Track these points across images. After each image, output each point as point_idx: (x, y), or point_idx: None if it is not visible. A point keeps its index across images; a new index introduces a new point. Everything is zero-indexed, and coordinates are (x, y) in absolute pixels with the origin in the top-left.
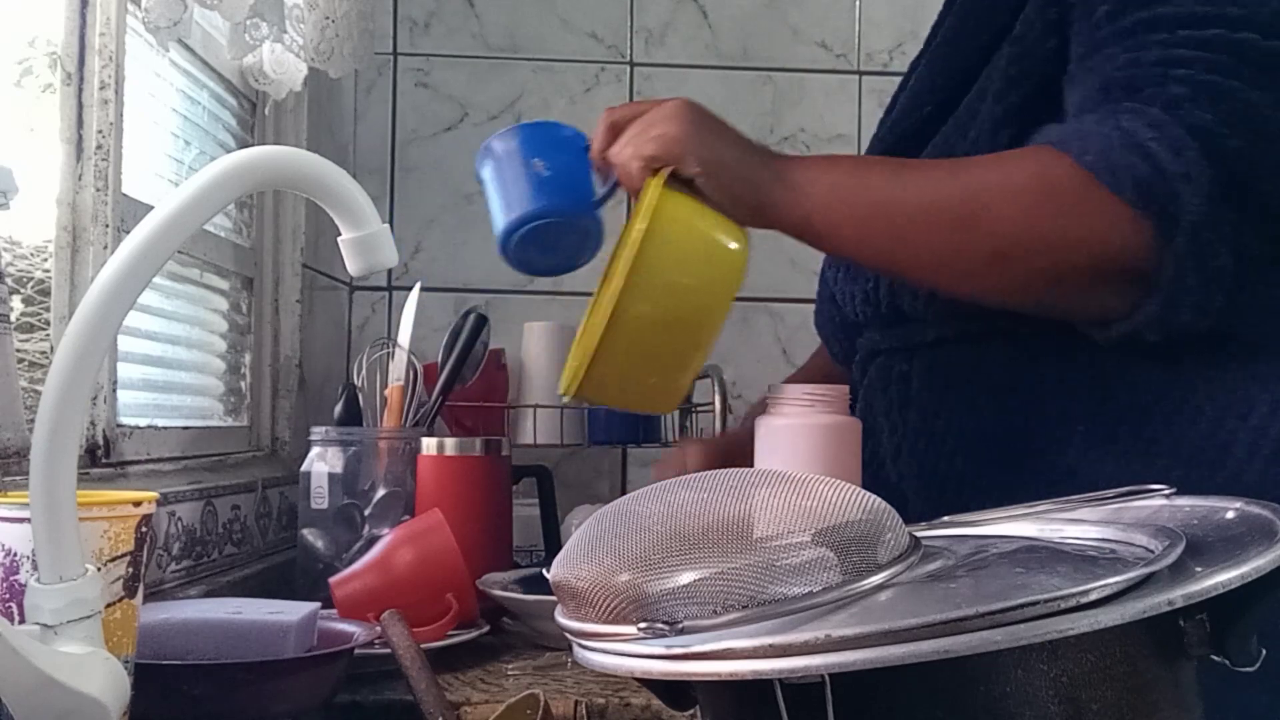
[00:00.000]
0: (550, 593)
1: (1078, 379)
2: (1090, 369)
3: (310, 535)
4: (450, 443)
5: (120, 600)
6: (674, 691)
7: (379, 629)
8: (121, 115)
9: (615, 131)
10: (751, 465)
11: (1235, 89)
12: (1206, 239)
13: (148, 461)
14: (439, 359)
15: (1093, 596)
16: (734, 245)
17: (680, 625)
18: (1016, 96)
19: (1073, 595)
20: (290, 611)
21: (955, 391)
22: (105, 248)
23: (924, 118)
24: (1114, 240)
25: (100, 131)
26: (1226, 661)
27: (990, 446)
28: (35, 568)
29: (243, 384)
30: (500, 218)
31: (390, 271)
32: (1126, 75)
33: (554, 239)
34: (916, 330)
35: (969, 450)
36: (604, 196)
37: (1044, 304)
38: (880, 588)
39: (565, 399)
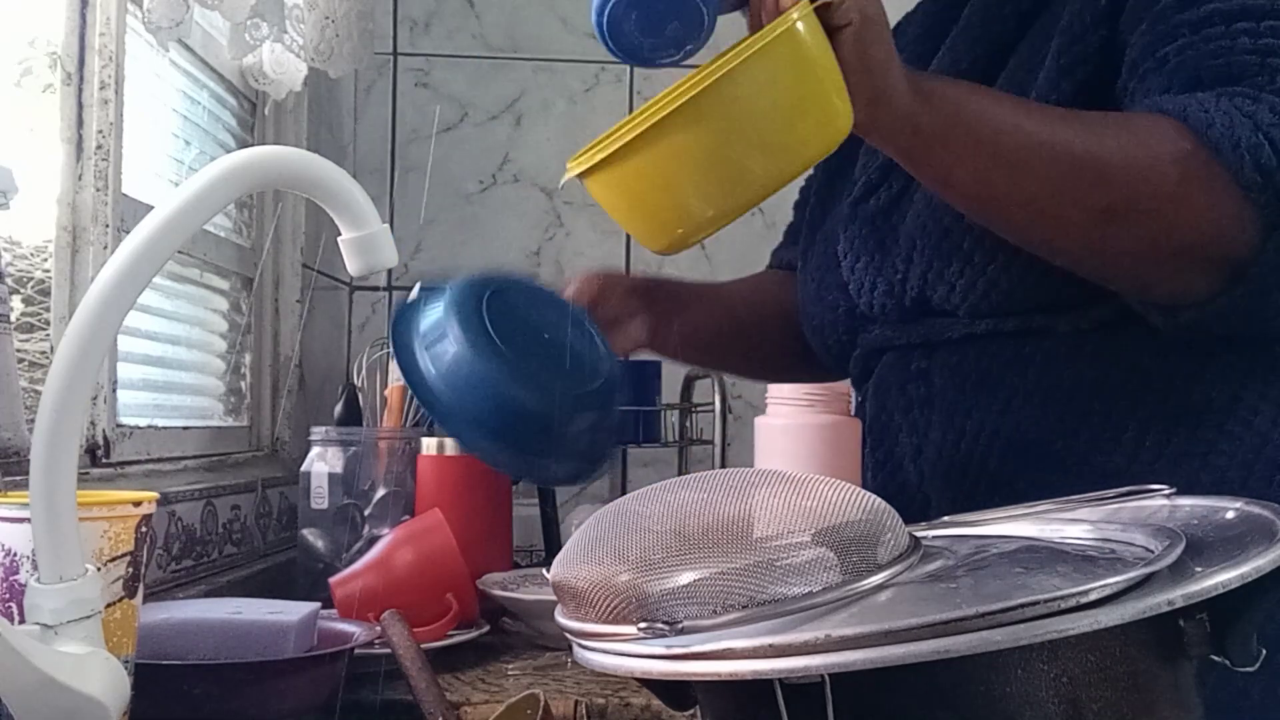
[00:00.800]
0: (550, 593)
1: (1126, 379)
2: (1139, 369)
3: (310, 535)
4: (450, 443)
5: (120, 600)
6: (674, 691)
7: (379, 629)
8: (121, 115)
9: None
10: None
11: None
12: None
13: (148, 461)
14: None
15: (1093, 596)
16: (839, 119)
17: (680, 625)
18: (1069, 85)
19: (1073, 595)
20: (290, 611)
21: (987, 391)
22: (105, 248)
23: None
24: (1219, 220)
25: (100, 131)
26: (1227, 662)
27: (1028, 447)
28: (35, 568)
29: (243, 384)
30: None
31: (390, 271)
32: (1221, 64)
33: (657, 19)
34: (941, 326)
35: (1004, 451)
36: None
37: (1129, 275)
38: (880, 588)
39: (563, 181)
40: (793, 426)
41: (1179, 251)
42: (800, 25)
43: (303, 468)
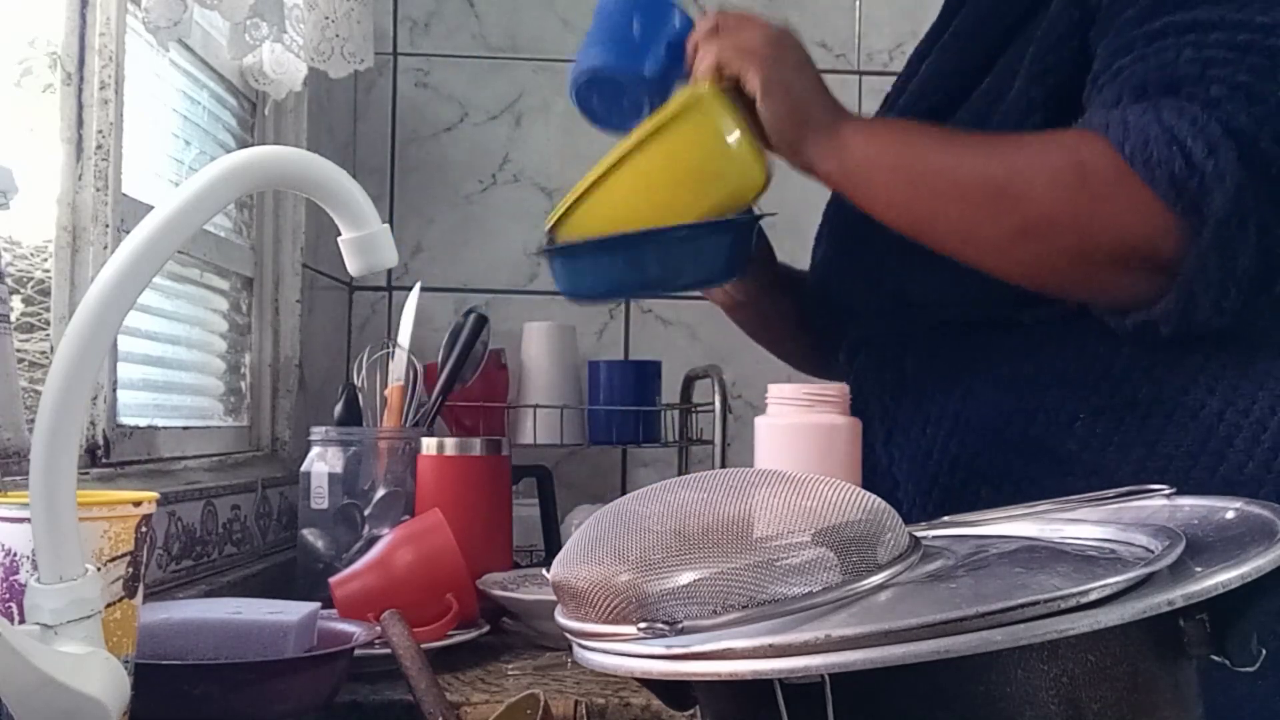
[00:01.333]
0: (550, 593)
1: (1081, 370)
2: (1094, 361)
3: (310, 535)
4: (450, 443)
5: (120, 600)
6: (674, 691)
7: (379, 629)
8: (121, 115)
9: (717, 28)
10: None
11: (1271, 91)
12: (1231, 238)
13: (148, 461)
14: (439, 359)
15: (1093, 596)
16: (747, 169)
17: (680, 625)
18: (1039, 91)
19: (1073, 595)
20: (290, 611)
21: (951, 378)
22: (105, 248)
23: (930, 108)
24: (1140, 230)
25: (100, 131)
26: (1226, 662)
27: (986, 433)
28: (35, 568)
29: (243, 384)
30: (578, 57)
31: (390, 271)
32: (1164, 75)
33: (617, 98)
34: (916, 317)
35: (964, 436)
36: (667, 77)
37: (1066, 285)
38: (880, 588)
39: (546, 225)
40: (793, 426)
41: (1103, 261)
42: (705, 100)
43: (303, 468)
